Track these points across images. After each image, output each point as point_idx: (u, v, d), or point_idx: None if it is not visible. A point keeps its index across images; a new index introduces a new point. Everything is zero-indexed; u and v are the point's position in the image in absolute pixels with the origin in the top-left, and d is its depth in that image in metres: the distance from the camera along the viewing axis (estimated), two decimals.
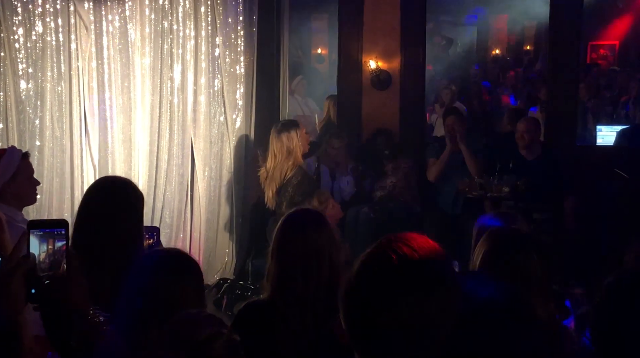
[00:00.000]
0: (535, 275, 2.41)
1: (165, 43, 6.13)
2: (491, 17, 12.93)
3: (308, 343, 2.77)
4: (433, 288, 1.43)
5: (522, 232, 2.71)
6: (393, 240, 1.52)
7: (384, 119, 7.12)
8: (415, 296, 1.41)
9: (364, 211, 6.37)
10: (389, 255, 1.47)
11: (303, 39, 11.46)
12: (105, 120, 5.94)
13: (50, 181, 5.79)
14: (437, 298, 1.42)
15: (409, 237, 1.52)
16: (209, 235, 6.50)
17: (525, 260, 2.43)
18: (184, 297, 2.28)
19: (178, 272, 2.38)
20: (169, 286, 2.31)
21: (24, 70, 5.67)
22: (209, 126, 6.39)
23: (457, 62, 12.37)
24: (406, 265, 1.45)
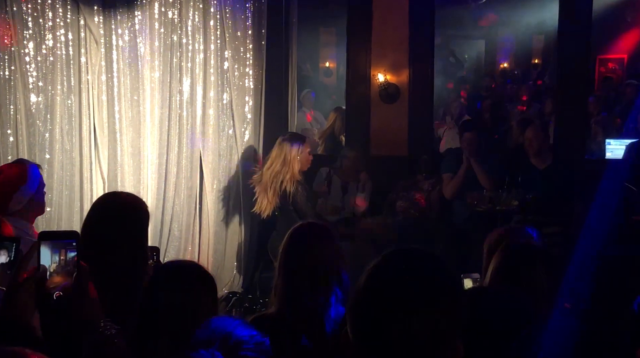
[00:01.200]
0: (541, 288, 2.41)
1: (174, 56, 6.16)
2: (500, 30, 12.94)
3: (317, 356, 2.76)
4: (439, 300, 1.43)
5: (531, 246, 2.71)
6: (399, 253, 1.53)
7: (393, 132, 7.12)
8: (422, 308, 1.41)
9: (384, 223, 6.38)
10: (395, 268, 1.47)
11: (311, 52, 11.49)
12: (115, 134, 5.96)
13: (59, 194, 5.81)
14: (443, 311, 1.43)
15: (414, 251, 1.53)
16: (218, 248, 6.50)
17: (532, 273, 2.44)
18: (199, 308, 2.28)
19: (193, 283, 2.39)
20: (184, 298, 2.32)
21: (34, 83, 5.70)
22: (218, 139, 6.41)
23: (465, 76, 12.40)
24: (413, 277, 1.45)
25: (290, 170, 5.53)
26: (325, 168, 6.75)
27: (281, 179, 5.53)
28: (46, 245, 1.79)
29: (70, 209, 5.86)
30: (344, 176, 6.66)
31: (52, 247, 1.79)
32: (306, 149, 5.66)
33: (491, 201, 5.91)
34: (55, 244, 1.80)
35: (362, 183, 6.63)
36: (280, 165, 5.55)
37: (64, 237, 1.83)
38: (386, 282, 1.47)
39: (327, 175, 6.69)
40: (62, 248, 1.80)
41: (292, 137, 5.71)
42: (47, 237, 1.81)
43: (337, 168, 6.69)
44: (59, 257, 1.80)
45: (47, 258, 1.79)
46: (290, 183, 5.52)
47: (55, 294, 1.78)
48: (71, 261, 1.80)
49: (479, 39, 13.45)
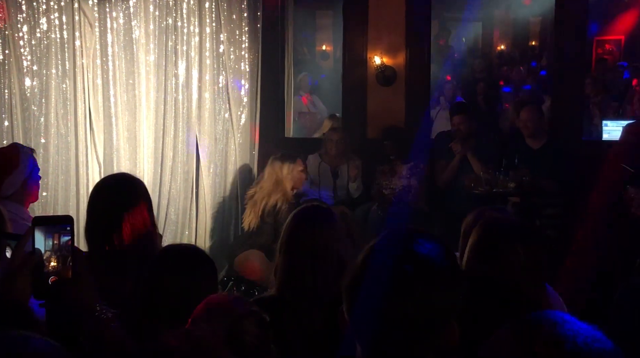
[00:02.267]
0: (519, 264, 2.36)
1: (169, 40, 6.12)
2: (496, 12, 12.89)
3: (316, 338, 2.77)
4: (435, 281, 1.42)
5: (510, 222, 2.66)
6: (395, 233, 1.52)
7: (389, 115, 7.10)
8: (417, 288, 1.40)
9: (373, 209, 6.36)
10: (391, 247, 1.47)
11: (307, 35, 11.44)
12: (110, 118, 5.93)
13: (55, 178, 5.78)
14: (439, 291, 1.41)
15: (412, 232, 1.52)
16: (215, 231, 6.49)
17: (509, 249, 2.39)
18: (199, 292, 2.29)
19: (193, 267, 2.40)
20: (184, 281, 2.33)
21: (28, 67, 5.66)
22: (214, 123, 6.39)
23: (461, 58, 12.35)
24: (409, 258, 1.44)
25: (282, 189, 5.52)
26: (314, 155, 6.70)
27: (273, 198, 5.52)
28: (40, 230, 1.79)
29: (66, 193, 5.84)
30: (331, 161, 6.63)
31: (45, 232, 1.79)
32: (298, 168, 5.63)
33: (488, 183, 5.91)
34: (49, 229, 1.80)
35: (350, 176, 6.58)
36: (273, 185, 5.54)
37: (59, 222, 1.82)
38: (381, 261, 1.45)
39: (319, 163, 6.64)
40: (55, 233, 1.79)
41: (283, 157, 5.69)
42: (41, 222, 1.81)
43: (324, 154, 6.66)
44: (53, 242, 1.79)
45: (41, 243, 1.78)
46: (281, 200, 5.51)
47: (51, 279, 1.77)
48: (65, 245, 1.80)
49: (476, 21, 13.39)
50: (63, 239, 1.79)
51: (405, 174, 6.48)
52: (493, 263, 2.34)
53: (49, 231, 1.79)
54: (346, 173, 6.61)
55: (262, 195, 5.58)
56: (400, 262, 1.43)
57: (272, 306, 2.82)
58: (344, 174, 6.62)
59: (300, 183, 5.72)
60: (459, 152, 6.37)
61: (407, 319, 1.39)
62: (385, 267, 1.44)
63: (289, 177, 5.55)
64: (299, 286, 2.85)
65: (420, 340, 1.41)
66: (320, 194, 6.59)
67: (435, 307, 1.40)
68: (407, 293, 1.40)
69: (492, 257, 2.36)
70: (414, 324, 1.40)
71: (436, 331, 1.41)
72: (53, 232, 1.79)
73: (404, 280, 1.41)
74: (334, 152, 6.58)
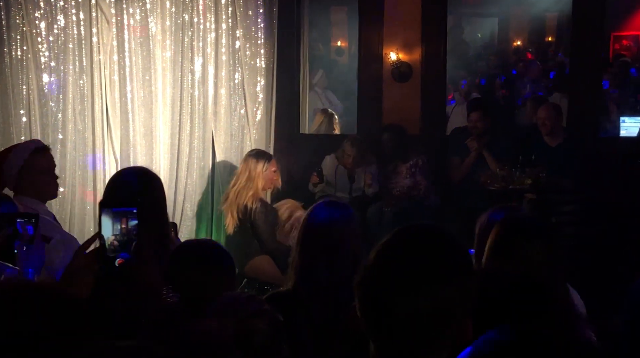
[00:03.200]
0: (540, 262, 2.36)
1: (185, 36, 6.14)
2: (512, 8, 12.81)
3: (328, 333, 2.78)
4: (448, 277, 1.42)
5: (529, 220, 2.67)
6: (409, 229, 1.52)
7: (405, 111, 7.09)
8: (430, 285, 1.40)
9: (386, 210, 6.35)
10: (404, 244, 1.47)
11: (322, 31, 11.43)
12: (127, 114, 5.96)
13: (72, 174, 5.82)
14: (451, 288, 1.41)
15: (425, 227, 1.53)
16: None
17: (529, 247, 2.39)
18: (217, 286, 2.30)
19: (211, 262, 2.41)
20: (203, 276, 2.35)
21: (46, 63, 5.70)
22: (230, 119, 6.41)
23: (477, 54, 12.31)
24: (421, 254, 1.44)
25: (254, 186, 5.43)
26: (330, 156, 6.68)
27: (244, 195, 5.43)
28: (107, 214, 1.80)
29: (84, 189, 5.88)
30: (347, 166, 6.63)
31: (113, 216, 1.80)
32: (271, 168, 5.54)
33: (504, 180, 5.89)
34: (116, 213, 1.81)
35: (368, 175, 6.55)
36: (245, 181, 5.46)
37: (124, 205, 1.83)
38: (393, 258, 1.46)
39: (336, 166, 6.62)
40: (123, 217, 1.81)
41: (258, 154, 5.64)
42: (108, 205, 1.82)
43: (340, 157, 6.65)
44: (120, 226, 1.80)
45: (109, 226, 1.80)
46: (251, 200, 5.41)
47: (118, 261, 1.78)
48: (133, 229, 1.81)
49: (492, 17, 13.33)
50: (130, 223, 1.80)
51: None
52: (514, 261, 2.34)
53: (116, 215, 1.80)
54: (362, 177, 6.59)
55: (234, 195, 5.51)
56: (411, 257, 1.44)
57: (286, 301, 2.84)
58: (361, 178, 6.61)
59: (271, 184, 5.61)
60: (474, 149, 6.36)
61: (419, 315, 1.39)
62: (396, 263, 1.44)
63: (262, 176, 5.46)
64: (314, 282, 2.86)
65: (433, 336, 1.41)
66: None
67: (446, 304, 1.40)
68: (418, 289, 1.40)
69: (513, 255, 2.36)
70: (427, 320, 1.40)
71: (449, 327, 1.41)
72: (120, 216, 1.80)
73: (415, 276, 1.41)
74: (350, 163, 6.57)
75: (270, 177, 5.54)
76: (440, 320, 1.40)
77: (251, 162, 5.51)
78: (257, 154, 5.65)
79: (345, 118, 8.79)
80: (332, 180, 6.62)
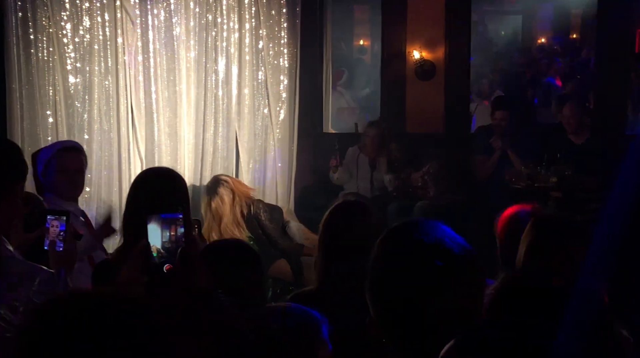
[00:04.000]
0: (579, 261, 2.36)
1: (209, 36, 6.17)
2: (537, 5, 12.72)
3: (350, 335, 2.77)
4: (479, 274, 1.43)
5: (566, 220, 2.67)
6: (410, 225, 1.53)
7: (428, 110, 7.07)
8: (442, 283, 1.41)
9: (417, 206, 6.33)
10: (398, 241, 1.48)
11: (345, 30, 11.43)
12: (152, 114, 6.00)
13: (98, 174, 5.88)
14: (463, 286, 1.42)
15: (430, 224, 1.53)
16: None
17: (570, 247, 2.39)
18: (245, 286, 2.30)
19: (240, 262, 2.42)
20: (231, 276, 2.35)
21: (72, 64, 5.76)
22: (253, 118, 6.43)
23: (501, 52, 12.23)
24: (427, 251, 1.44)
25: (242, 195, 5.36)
26: (353, 147, 6.74)
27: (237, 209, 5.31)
28: (154, 221, 1.80)
29: (109, 189, 5.94)
30: (368, 153, 6.65)
31: (160, 223, 1.80)
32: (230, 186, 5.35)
33: (529, 178, 5.86)
34: (164, 220, 1.80)
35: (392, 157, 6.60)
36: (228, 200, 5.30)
37: (171, 211, 1.82)
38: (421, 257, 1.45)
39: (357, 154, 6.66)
40: (171, 224, 1.80)
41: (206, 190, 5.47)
42: (154, 212, 1.82)
43: (362, 146, 6.69)
44: (169, 232, 1.80)
45: (156, 234, 1.79)
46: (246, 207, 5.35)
47: (166, 267, 1.79)
48: (180, 236, 1.80)
49: (516, 14, 13.23)
50: (179, 230, 1.80)
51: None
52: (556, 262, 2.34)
53: (165, 222, 1.80)
54: (384, 165, 6.62)
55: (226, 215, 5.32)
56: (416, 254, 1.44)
57: (310, 301, 2.84)
58: (382, 166, 6.63)
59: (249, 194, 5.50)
60: (499, 148, 6.32)
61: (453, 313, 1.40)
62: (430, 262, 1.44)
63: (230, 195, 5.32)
64: (337, 285, 2.84)
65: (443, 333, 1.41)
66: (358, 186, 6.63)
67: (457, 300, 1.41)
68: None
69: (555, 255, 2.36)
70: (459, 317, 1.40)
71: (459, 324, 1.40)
72: (169, 222, 1.80)
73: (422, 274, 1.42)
74: (370, 146, 6.60)
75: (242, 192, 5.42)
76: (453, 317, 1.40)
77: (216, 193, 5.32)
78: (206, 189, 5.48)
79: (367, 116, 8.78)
80: (353, 169, 6.65)
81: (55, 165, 3.81)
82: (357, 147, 6.73)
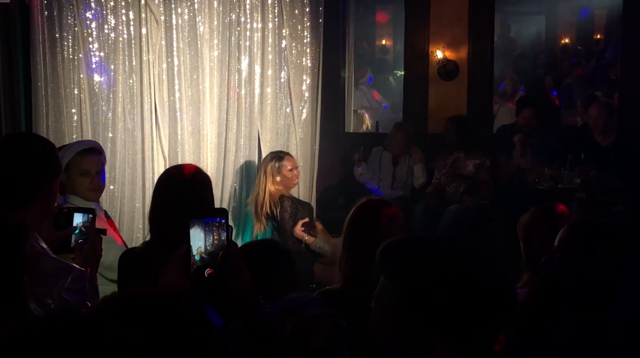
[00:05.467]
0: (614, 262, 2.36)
1: (233, 35, 6.19)
2: (560, 5, 12.62)
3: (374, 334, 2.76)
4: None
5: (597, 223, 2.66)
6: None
7: (451, 109, 7.04)
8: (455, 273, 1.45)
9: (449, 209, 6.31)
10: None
11: (367, 30, 11.42)
12: (175, 112, 6.03)
13: (122, 172, 5.92)
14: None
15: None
16: None
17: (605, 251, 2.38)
18: (279, 285, 2.31)
19: (274, 260, 2.43)
20: (266, 275, 2.36)
21: (97, 63, 5.80)
22: (276, 118, 6.44)
23: (524, 53, 12.16)
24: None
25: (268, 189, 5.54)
26: (378, 147, 6.83)
27: (261, 201, 5.56)
28: (198, 225, 1.79)
29: (133, 186, 5.97)
30: (392, 151, 6.79)
31: (204, 227, 1.79)
32: (286, 166, 5.58)
33: (553, 179, 5.81)
34: (207, 224, 1.80)
35: (413, 159, 6.67)
36: (260, 188, 5.60)
37: (212, 215, 1.82)
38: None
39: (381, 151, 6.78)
40: (215, 228, 1.80)
41: (267, 157, 5.74)
42: (196, 216, 1.81)
43: (387, 144, 6.79)
44: (213, 237, 1.80)
45: (199, 238, 1.79)
46: (268, 204, 5.52)
47: (207, 272, 1.78)
48: (223, 240, 1.80)
49: (539, 15, 13.14)
50: (222, 234, 1.79)
51: (471, 168, 6.38)
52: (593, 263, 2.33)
53: (208, 226, 1.79)
54: (406, 163, 6.72)
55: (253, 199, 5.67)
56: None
57: (335, 300, 2.84)
58: (405, 164, 6.72)
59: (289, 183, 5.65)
60: (519, 143, 6.26)
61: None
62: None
63: (272, 178, 5.55)
64: (360, 281, 2.84)
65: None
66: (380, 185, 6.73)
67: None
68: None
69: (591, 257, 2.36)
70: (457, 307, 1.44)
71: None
72: (211, 227, 1.79)
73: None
74: (396, 147, 6.73)
75: (285, 176, 5.59)
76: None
77: (262, 168, 5.64)
78: (269, 156, 5.73)
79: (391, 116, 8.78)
80: (376, 166, 6.77)
81: (75, 168, 3.80)
82: (382, 147, 6.87)
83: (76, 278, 2.27)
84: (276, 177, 5.55)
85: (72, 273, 2.27)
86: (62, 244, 2.66)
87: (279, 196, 5.54)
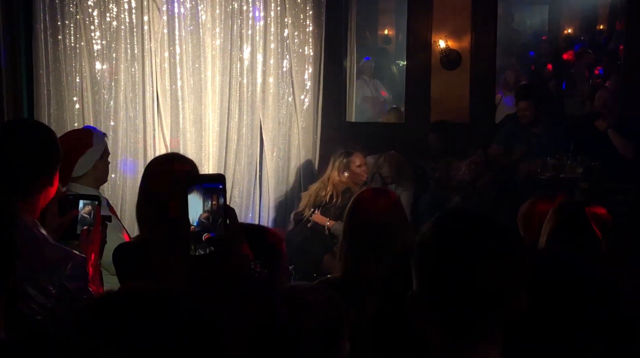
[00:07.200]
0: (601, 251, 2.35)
1: (235, 24, 6.18)
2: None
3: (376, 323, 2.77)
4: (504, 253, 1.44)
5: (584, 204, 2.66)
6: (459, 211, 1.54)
7: (454, 99, 7.02)
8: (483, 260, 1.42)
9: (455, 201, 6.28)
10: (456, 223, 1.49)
11: (370, 19, 11.38)
12: (177, 101, 6.03)
13: (123, 161, 5.92)
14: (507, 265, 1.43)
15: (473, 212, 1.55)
16: (278, 215, 6.56)
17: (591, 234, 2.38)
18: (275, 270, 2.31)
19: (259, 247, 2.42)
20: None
21: (98, 51, 5.80)
22: (278, 106, 6.43)
23: (527, 43, 12.12)
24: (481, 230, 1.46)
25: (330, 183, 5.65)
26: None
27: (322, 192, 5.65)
28: (197, 191, 1.79)
29: (134, 175, 5.97)
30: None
31: (203, 193, 1.79)
32: (354, 162, 5.67)
33: (554, 169, 5.80)
34: (206, 190, 1.80)
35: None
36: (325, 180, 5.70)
37: (210, 181, 1.82)
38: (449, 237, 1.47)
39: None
40: (213, 194, 1.80)
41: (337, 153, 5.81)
42: (194, 182, 1.81)
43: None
44: (211, 203, 1.80)
45: (199, 204, 1.79)
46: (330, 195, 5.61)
47: (204, 236, 1.79)
48: (220, 204, 1.80)
49: (542, 4, 13.09)
50: (220, 200, 1.80)
51: (465, 169, 6.32)
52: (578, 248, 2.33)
53: (206, 192, 1.79)
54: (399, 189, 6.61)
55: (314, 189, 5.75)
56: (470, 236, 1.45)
57: (335, 289, 2.84)
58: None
59: (359, 178, 5.73)
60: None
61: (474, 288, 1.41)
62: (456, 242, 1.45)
63: (336, 172, 5.63)
64: (361, 271, 2.84)
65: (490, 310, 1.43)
66: None
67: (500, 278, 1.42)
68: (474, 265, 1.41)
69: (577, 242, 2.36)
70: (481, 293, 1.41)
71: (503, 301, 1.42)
72: (210, 193, 1.79)
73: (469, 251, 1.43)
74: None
75: (354, 171, 5.66)
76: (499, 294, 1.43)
77: (332, 162, 5.72)
78: (338, 152, 5.79)
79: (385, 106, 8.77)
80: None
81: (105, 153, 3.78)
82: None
83: (77, 265, 2.28)
84: (344, 172, 5.63)
85: (73, 260, 2.27)
86: (68, 231, 2.65)
87: (344, 188, 5.59)
